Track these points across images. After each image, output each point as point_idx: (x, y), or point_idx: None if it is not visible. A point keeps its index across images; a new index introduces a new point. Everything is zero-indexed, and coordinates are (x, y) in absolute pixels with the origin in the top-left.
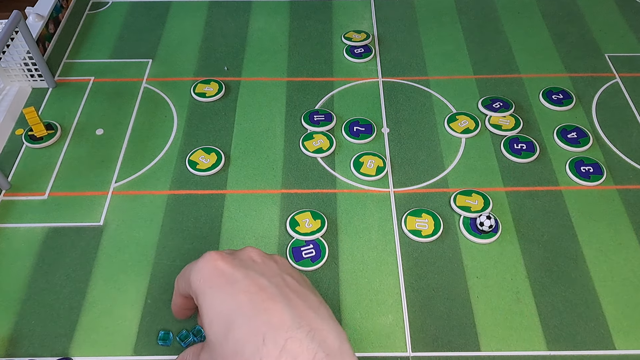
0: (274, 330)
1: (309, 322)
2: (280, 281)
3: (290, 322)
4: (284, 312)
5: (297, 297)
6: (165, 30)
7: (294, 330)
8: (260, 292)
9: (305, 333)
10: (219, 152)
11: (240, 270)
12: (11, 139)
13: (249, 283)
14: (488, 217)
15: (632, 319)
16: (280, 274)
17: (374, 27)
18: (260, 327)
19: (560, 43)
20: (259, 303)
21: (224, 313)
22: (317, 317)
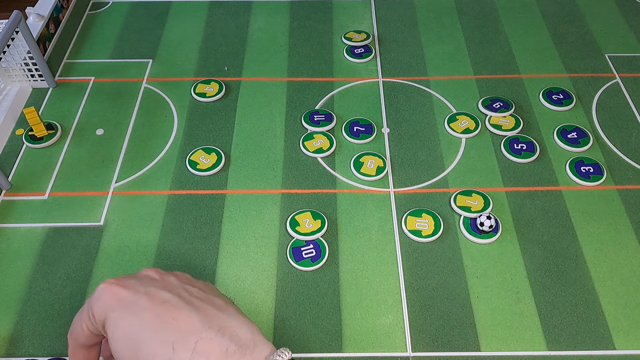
0: (183, 336)
1: (218, 321)
2: (182, 292)
3: (198, 325)
4: (190, 317)
5: (202, 302)
6: (165, 30)
7: (203, 332)
8: (164, 304)
9: (215, 332)
10: (219, 152)
11: (139, 289)
12: (11, 139)
13: (150, 299)
14: (488, 217)
15: (632, 319)
16: (181, 285)
17: (374, 27)
18: (168, 337)
19: (560, 43)
20: (165, 315)
21: (130, 334)
22: (225, 316)
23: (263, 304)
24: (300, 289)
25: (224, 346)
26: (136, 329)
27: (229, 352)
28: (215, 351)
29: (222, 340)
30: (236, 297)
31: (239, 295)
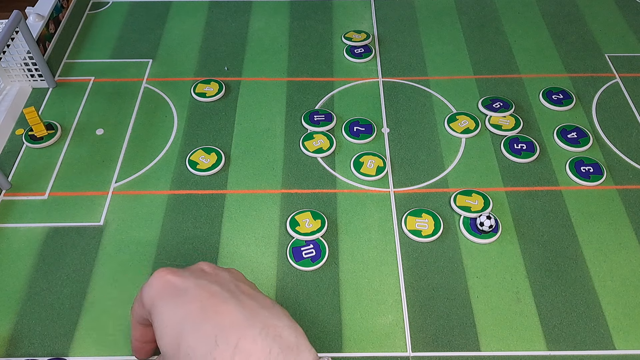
0: (226, 331)
1: (262, 320)
2: (232, 287)
3: (242, 322)
4: (235, 313)
5: (249, 299)
6: (165, 30)
7: (246, 329)
8: (212, 297)
9: (259, 330)
10: (219, 152)
11: (190, 280)
12: (11, 139)
13: (200, 291)
14: (488, 217)
15: (632, 319)
16: (233, 281)
17: (374, 27)
18: (211, 330)
19: (560, 43)
20: (210, 308)
21: (175, 323)
22: (270, 315)
23: None
24: (300, 289)
25: (267, 347)
26: (180, 319)
27: (272, 354)
28: (257, 351)
29: (266, 342)
30: None
31: None
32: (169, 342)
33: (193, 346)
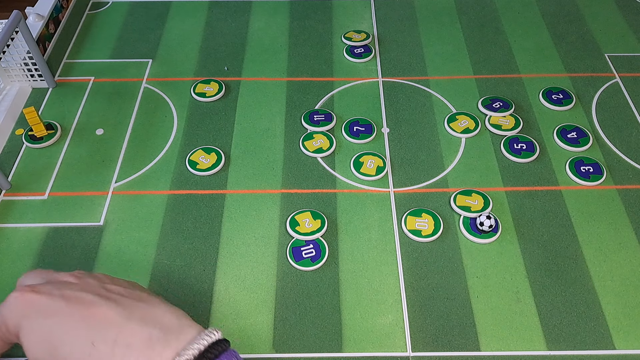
0: (102, 331)
1: (140, 311)
2: (101, 291)
3: (118, 318)
4: (109, 312)
5: (122, 297)
6: (165, 30)
7: (123, 323)
8: (80, 304)
9: (137, 321)
10: (219, 152)
11: (54, 293)
12: (11, 139)
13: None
14: (488, 217)
15: (632, 319)
16: (100, 285)
17: (374, 27)
18: (85, 334)
19: (560, 43)
20: (81, 314)
21: (46, 337)
22: (147, 306)
23: (263, 304)
24: (300, 289)
25: (146, 333)
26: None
27: (153, 338)
28: (137, 340)
29: (145, 329)
30: (236, 297)
31: (239, 295)
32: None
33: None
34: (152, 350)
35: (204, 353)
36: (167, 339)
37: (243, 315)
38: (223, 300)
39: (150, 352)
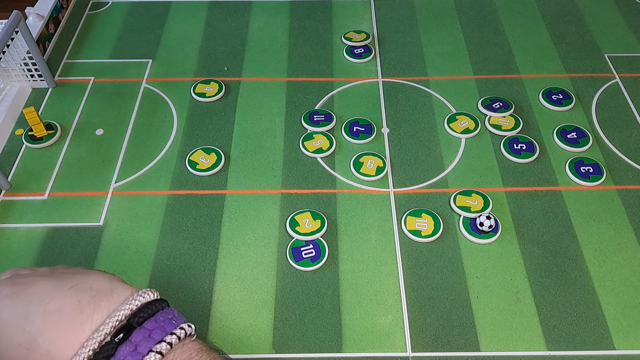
0: (35, 303)
1: (72, 281)
2: (46, 272)
3: (49, 289)
4: (44, 285)
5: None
6: (165, 31)
7: (54, 292)
8: (21, 285)
9: (67, 289)
10: (219, 152)
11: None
12: (11, 139)
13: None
14: (488, 217)
15: (631, 319)
16: (48, 270)
17: (374, 27)
18: (21, 309)
19: (559, 43)
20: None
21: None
22: (82, 276)
23: (263, 304)
24: (300, 289)
25: (76, 299)
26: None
27: (82, 302)
28: (66, 306)
29: (75, 295)
30: (236, 297)
31: (239, 295)
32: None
33: (9, 332)
34: (82, 314)
35: (136, 312)
36: (97, 302)
37: (243, 315)
38: (223, 300)
39: (80, 316)
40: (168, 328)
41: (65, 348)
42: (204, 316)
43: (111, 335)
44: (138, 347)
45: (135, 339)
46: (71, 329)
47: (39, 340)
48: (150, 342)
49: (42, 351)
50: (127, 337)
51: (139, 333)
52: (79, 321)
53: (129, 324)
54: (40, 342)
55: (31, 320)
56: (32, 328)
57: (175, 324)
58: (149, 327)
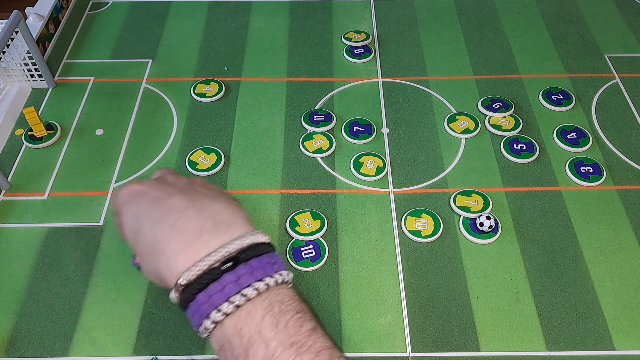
0: (169, 215)
1: (201, 204)
2: (186, 187)
3: (182, 206)
4: (179, 201)
5: (196, 193)
6: (165, 31)
7: (185, 210)
8: (164, 194)
9: (195, 211)
10: (219, 152)
11: (150, 184)
12: (11, 139)
13: (155, 191)
14: (488, 218)
15: (631, 319)
16: (190, 183)
17: (373, 27)
18: (158, 216)
19: (559, 43)
20: (161, 201)
21: (134, 218)
22: (211, 201)
23: None
24: (300, 289)
25: (200, 223)
26: (138, 213)
27: (204, 228)
28: (190, 227)
29: (200, 219)
30: None
31: None
32: (130, 233)
33: (144, 231)
34: (201, 237)
35: (245, 249)
36: (216, 231)
37: None
38: None
39: (199, 239)
40: (269, 270)
41: (180, 262)
42: None
43: (220, 262)
44: (240, 279)
45: (239, 272)
46: (189, 248)
47: (163, 248)
48: (251, 278)
49: (164, 258)
50: (232, 268)
51: (244, 268)
52: (197, 243)
53: (236, 257)
54: (165, 250)
55: (162, 229)
56: (160, 235)
57: (276, 269)
58: (254, 265)
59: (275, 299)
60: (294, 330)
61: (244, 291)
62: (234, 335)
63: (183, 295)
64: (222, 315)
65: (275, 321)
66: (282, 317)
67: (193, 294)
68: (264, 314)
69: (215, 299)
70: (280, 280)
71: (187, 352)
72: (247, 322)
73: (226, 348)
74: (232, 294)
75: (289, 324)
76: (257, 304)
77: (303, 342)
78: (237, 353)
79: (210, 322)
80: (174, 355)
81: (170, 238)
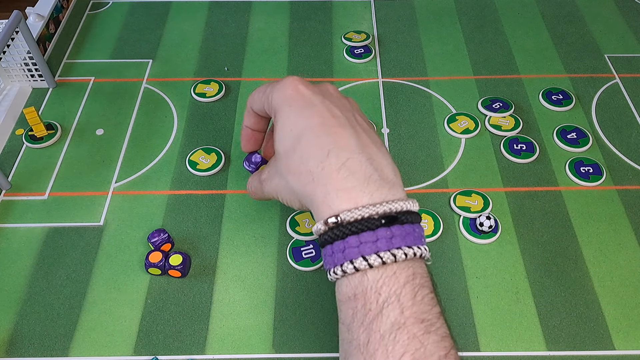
0: (338, 149)
1: (370, 152)
2: (350, 116)
3: (354, 146)
4: (350, 138)
5: (363, 132)
6: (165, 31)
7: (356, 153)
8: (332, 118)
9: (366, 157)
10: (219, 152)
11: (318, 96)
12: (11, 139)
13: (324, 109)
14: (488, 218)
15: (631, 319)
16: (352, 110)
17: (374, 27)
18: (326, 144)
19: (559, 43)
20: (329, 127)
21: (296, 129)
22: (378, 151)
23: (263, 304)
24: (300, 289)
25: (369, 171)
26: (302, 127)
27: (372, 179)
28: (360, 172)
29: (369, 168)
30: (236, 297)
31: (239, 295)
32: (287, 143)
33: (307, 151)
34: (367, 186)
35: (403, 212)
36: (381, 185)
37: (243, 315)
38: (223, 300)
39: (365, 187)
40: (419, 241)
41: (342, 200)
42: (204, 316)
43: (379, 216)
44: (394, 238)
45: (395, 231)
46: (354, 191)
47: (326, 180)
48: (403, 241)
49: (323, 190)
50: (388, 225)
51: (400, 229)
52: (362, 190)
53: (395, 217)
54: (326, 183)
55: (330, 162)
56: (327, 167)
57: (423, 242)
58: (407, 230)
59: (417, 270)
60: (428, 307)
61: (394, 251)
62: (372, 290)
63: (332, 231)
64: (366, 265)
65: (414, 292)
66: (420, 291)
67: (345, 234)
68: (406, 280)
69: (365, 248)
70: (424, 255)
71: (187, 352)
72: (390, 282)
73: (359, 299)
74: (383, 249)
75: (425, 299)
76: (403, 269)
77: (433, 322)
78: (370, 308)
79: (352, 267)
80: (174, 355)
81: (337, 175)
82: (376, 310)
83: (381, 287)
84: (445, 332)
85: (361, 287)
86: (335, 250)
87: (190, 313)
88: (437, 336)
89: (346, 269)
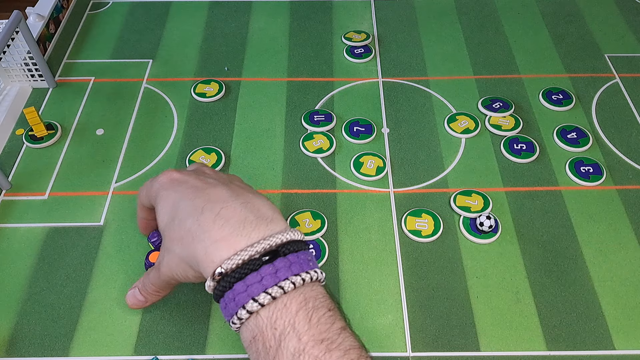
0: (212, 203)
1: (245, 198)
2: (226, 181)
3: (226, 197)
4: (222, 191)
5: (238, 187)
6: (165, 31)
7: (229, 201)
8: (205, 184)
9: (239, 203)
10: (219, 152)
11: (191, 174)
12: (11, 139)
13: (196, 180)
14: (488, 217)
15: (631, 319)
16: (228, 177)
17: (374, 27)
18: (200, 203)
19: (559, 43)
20: (202, 190)
21: (172, 201)
22: (253, 196)
23: None
24: None
25: (244, 215)
26: (177, 199)
27: (247, 221)
28: (235, 218)
29: (244, 211)
30: None
31: None
32: (166, 217)
33: (184, 214)
34: (244, 229)
35: (285, 244)
36: (258, 224)
37: None
38: None
39: (242, 230)
40: (305, 267)
41: (221, 250)
42: (204, 316)
43: (259, 254)
44: (278, 272)
45: (278, 265)
46: (232, 238)
47: (204, 235)
48: (288, 272)
49: (203, 245)
50: (271, 261)
51: (282, 261)
52: (240, 234)
53: (276, 251)
54: (205, 237)
55: (205, 216)
56: (203, 222)
57: (311, 266)
58: (291, 259)
59: (309, 294)
60: (326, 326)
61: (281, 284)
62: (268, 327)
63: (220, 283)
64: (258, 305)
65: (309, 316)
66: (315, 313)
67: (231, 283)
68: (298, 308)
69: (252, 289)
70: (315, 278)
71: (187, 352)
72: (282, 314)
73: (258, 339)
74: (270, 286)
75: (321, 320)
76: (293, 298)
77: (333, 339)
78: (270, 345)
79: (245, 312)
80: (174, 355)
81: (213, 226)
82: (276, 345)
83: (275, 322)
84: (350, 345)
85: (257, 328)
86: (227, 301)
87: (190, 313)
88: (339, 352)
89: (241, 316)
